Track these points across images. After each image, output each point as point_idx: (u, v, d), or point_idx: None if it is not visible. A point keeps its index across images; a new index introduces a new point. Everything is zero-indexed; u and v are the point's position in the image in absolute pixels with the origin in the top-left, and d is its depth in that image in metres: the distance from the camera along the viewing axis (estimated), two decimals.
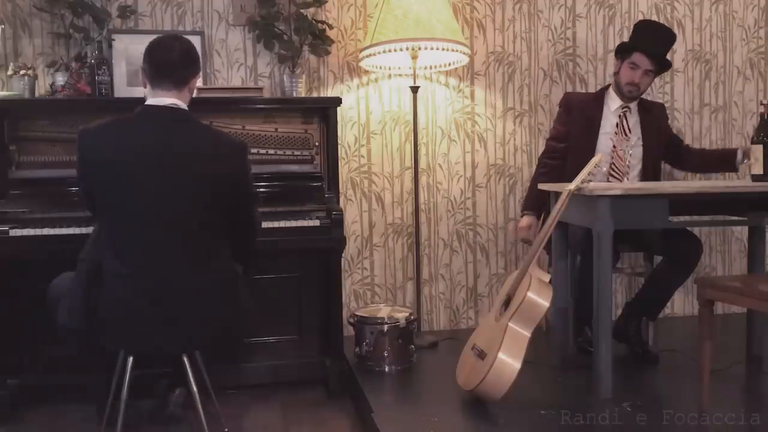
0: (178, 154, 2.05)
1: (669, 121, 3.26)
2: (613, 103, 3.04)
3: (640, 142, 3.01)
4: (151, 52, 2.11)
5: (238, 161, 2.15)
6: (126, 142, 2.03)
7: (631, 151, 2.93)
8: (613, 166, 2.98)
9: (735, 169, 3.12)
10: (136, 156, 2.02)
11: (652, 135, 3.05)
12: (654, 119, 3.08)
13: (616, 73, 3.03)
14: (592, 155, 2.98)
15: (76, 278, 2.11)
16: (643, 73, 2.95)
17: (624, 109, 3.02)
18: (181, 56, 2.11)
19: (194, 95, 2.76)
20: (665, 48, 3.01)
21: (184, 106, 2.14)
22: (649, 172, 3.05)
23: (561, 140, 3.06)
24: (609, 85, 3.11)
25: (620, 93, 3.01)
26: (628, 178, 2.98)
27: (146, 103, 2.12)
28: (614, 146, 2.98)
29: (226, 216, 2.14)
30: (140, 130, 2.07)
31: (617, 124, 3.00)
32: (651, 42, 2.94)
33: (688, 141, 3.72)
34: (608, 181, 2.97)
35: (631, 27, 3.61)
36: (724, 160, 3.10)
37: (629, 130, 3.01)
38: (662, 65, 3.01)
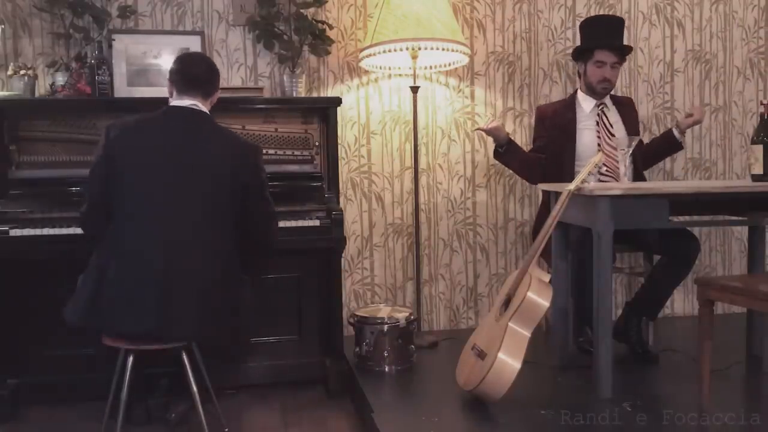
0: (196, 151, 2.17)
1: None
2: (586, 105, 3.07)
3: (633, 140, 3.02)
4: (182, 64, 2.29)
5: (251, 160, 2.27)
6: (149, 138, 2.17)
7: (628, 150, 2.92)
8: (604, 166, 2.98)
9: (681, 147, 3.15)
10: (157, 151, 2.15)
11: (634, 126, 3.10)
12: (631, 110, 3.14)
13: (582, 75, 3.07)
14: (572, 158, 3.00)
15: (84, 279, 2.17)
16: (612, 67, 3.00)
17: (600, 106, 3.05)
18: (208, 71, 2.31)
19: None
20: (620, 36, 3.07)
21: (204, 108, 2.28)
22: (638, 164, 3.06)
23: (540, 151, 3.12)
24: (576, 90, 3.15)
25: (593, 92, 3.04)
26: (626, 175, 2.96)
27: (170, 104, 2.27)
28: (599, 145, 2.99)
29: (238, 213, 2.22)
30: (162, 127, 2.21)
31: (597, 123, 3.02)
32: (607, 35, 3.00)
33: (688, 141, 3.72)
34: (599, 181, 2.96)
35: (631, 26, 3.63)
36: (668, 143, 3.14)
37: (611, 125, 3.02)
38: (626, 54, 3.07)
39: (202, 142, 2.20)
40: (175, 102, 2.26)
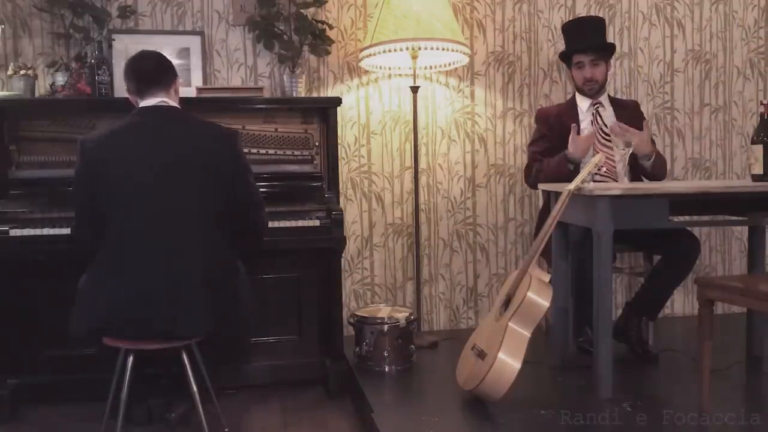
0: (176, 146, 2.17)
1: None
2: (583, 104, 3.10)
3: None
4: (131, 68, 2.28)
5: (230, 145, 2.26)
6: (127, 142, 2.16)
7: (627, 150, 2.92)
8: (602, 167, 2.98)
9: (647, 169, 2.95)
10: (138, 153, 2.14)
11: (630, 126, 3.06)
12: (632, 113, 3.11)
13: (572, 79, 3.16)
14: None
15: (84, 290, 2.17)
16: (591, 66, 3.03)
17: (596, 105, 3.07)
18: (158, 63, 2.29)
19: (195, 95, 2.81)
20: (595, 35, 3.08)
21: (173, 102, 2.28)
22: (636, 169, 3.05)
23: (546, 153, 3.05)
24: (575, 92, 3.17)
25: (583, 93, 3.09)
26: (625, 174, 2.95)
27: (139, 106, 2.26)
28: (595, 142, 2.99)
29: (227, 202, 2.23)
30: (137, 128, 2.20)
31: (592, 122, 3.05)
32: (579, 38, 3.06)
33: (688, 141, 3.72)
34: (593, 181, 2.95)
35: (631, 26, 3.63)
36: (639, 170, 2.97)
37: (605, 124, 3.03)
38: (605, 50, 3.07)
39: (180, 136, 2.20)
40: (142, 104, 2.25)
